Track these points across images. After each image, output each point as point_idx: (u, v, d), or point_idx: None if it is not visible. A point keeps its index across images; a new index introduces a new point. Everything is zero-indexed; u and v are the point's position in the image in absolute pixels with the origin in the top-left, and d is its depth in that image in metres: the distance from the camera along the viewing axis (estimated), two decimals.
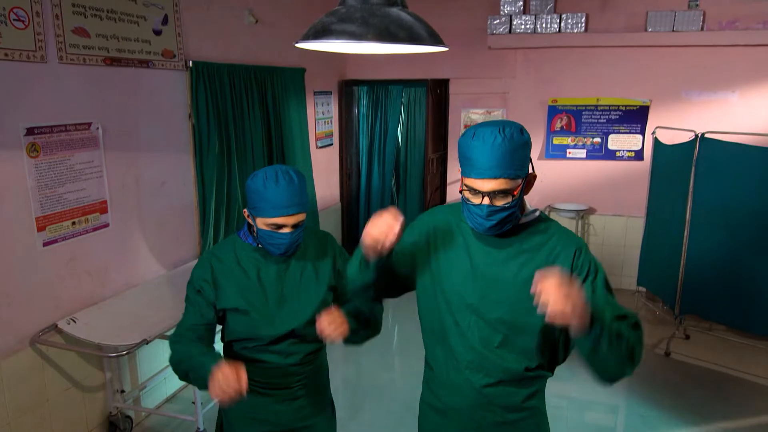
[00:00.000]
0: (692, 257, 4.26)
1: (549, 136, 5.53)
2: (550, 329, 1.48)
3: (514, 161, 1.42)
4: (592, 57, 5.28)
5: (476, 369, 1.56)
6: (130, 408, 3.29)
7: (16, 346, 2.64)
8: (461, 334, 1.56)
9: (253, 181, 1.75)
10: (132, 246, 3.30)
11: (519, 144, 1.42)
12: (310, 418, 1.96)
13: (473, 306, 1.54)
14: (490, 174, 1.41)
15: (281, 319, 1.82)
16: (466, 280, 1.55)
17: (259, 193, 1.73)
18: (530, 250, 1.52)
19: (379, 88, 6.53)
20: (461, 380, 1.58)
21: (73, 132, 2.83)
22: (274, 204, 1.71)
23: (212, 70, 3.73)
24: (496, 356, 1.54)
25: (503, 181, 1.41)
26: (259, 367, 1.85)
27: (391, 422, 3.43)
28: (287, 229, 1.75)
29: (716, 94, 5.07)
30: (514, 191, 1.43)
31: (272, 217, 1.72)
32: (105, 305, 3.03)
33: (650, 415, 3.51)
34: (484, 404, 1.59)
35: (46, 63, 2.67)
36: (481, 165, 1.41)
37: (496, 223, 1.46)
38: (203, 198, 3.78)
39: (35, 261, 2.70)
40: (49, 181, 2.73)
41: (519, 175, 1.44)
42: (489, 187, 1.42)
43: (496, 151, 1.40)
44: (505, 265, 1.52)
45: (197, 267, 1.87)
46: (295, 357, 1.87)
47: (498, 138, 1.40)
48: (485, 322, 1.53)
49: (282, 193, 1.71)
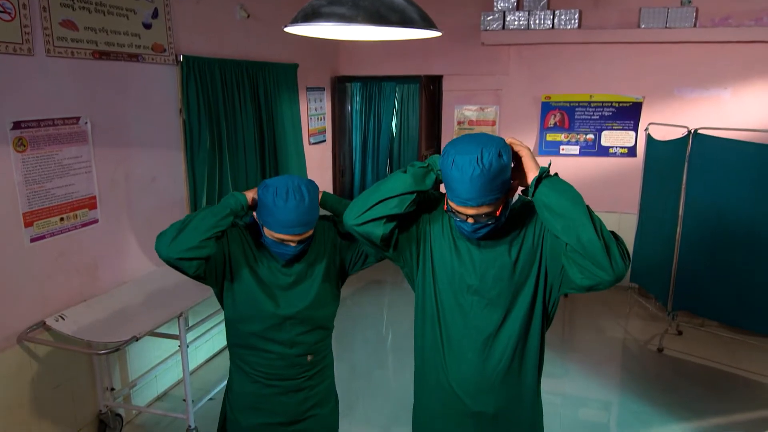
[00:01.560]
0: (685, 253, 4.26)
1: (542, 132, 5.53)
2: (543, 287, 1.57)
3: (494, 188, 1.43)
4: (585, 53, 5.28)
5: (479, 349, 1.58)
6: (121, 406, 3.25)
7: (3, 343, 2.60)
8: (463, 314, 1.59)
9: (264, 194, 1.72)
10: (122, 242, 3.26)
11: (497, 171, 1.42)
12: (314, 409, 1.96)
13: (474, 287, 1.58)
14: (472, 203, 1.44)
15: (287, 302, 1.82)
16: (465, 262, 1.59)
17: (268, 207, 1.71)
18: (519, 227, 1.59)
19: (372, 84, 6.51)
20: (464, 363, 1.59)
21: (61, 126, 2.79)
22: (282, 222, 1.70)
23: (203, 65, 3.69)
24: (498, 333, 1.58)
25: (484, 207, 1.45)
26: (264, 357, 1.85)
27: (385, 419, 3.41)
28: (292, 243, 1.75)
29: (708, 91, 5.08)
30: (497, 211, 1.47)
31: (279, 233, 1.72)
32: (94, 302, 2.99)
33: (643, 411, 3.51)
34: (488, 389, 1.60)
35: (33, 56, 2.62)
36: (462, 195, 1.44)
37: (483, 235, 1.53)
38: (194, 194, 3.74)
39: (23, 257, 2.66)
40: (36, 176, 2.68)
41: (499, 197, 1.46)
42: (472, 212, 1.46)
43: (475, 183, 1.41)
44: (496, 247, 1.58)
45: (238, 228, 1.87)
46: (300, 348, 1.86)
47: (476, 170, 1.40)
48: (487, 300, 1.57)
49: (291, 213, 1.68)
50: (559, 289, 1.54)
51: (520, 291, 1.57)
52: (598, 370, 4.00)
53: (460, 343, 1.60)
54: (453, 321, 1.60)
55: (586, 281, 1.41)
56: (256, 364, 1.86)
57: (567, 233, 1.39)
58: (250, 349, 1.86)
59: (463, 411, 1.63)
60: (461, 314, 1.59)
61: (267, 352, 1.84)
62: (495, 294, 1.57)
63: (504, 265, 1.56)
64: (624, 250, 1.41)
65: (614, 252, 1.38)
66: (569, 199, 1.41)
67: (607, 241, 1.38)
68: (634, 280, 4.99)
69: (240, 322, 1.84)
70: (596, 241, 1.36)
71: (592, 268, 1.39)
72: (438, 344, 1.63)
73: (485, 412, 1.62)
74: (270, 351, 1.84)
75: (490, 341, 1.58)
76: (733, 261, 3.99)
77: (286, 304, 1.82)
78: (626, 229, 5.31)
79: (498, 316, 1.57)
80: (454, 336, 1.60)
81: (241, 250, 1.82)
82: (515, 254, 1.56)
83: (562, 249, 1.43)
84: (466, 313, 1.59)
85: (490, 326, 1.58)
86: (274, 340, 1.83)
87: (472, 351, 1.59)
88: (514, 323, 1.57)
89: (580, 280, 1.42)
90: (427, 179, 1.55)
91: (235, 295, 1.82)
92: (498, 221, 1.50)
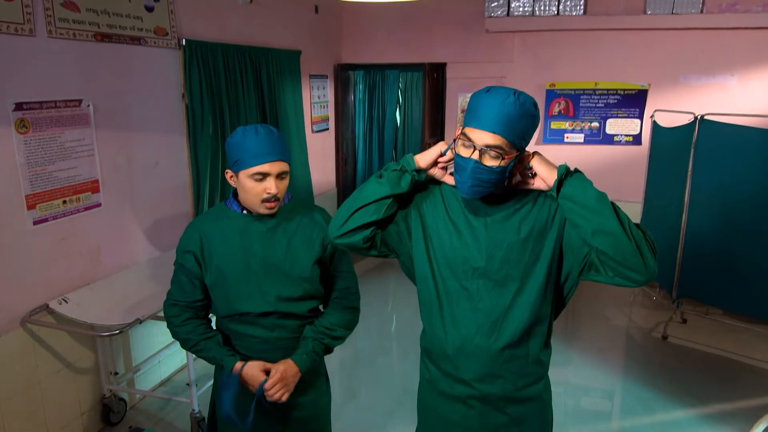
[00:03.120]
0: (690, 241, 4.24)
1: (547, 120, 5.49)
2: (556, 268, 1.53)
3: (518, 126, 1.40)
4: (590, 40, 5.23)
5: (487, 333, 1.54)
6: (124, 390, 3.25)
7: (7, 326, 2.60)
8: (469, 298, 1.55)
9: (233, 137, 1.73)
10: (125, 227, 3.24)
11: (528, 112, 1.41)
12: (302, 394, 1.89)
13: (480, 269, 1.53)
14: (491, 128, 1.39)
15: (264, 291, 1.77)
16: (469, 244, 1.54)
17: (239, 144, 1.70)
18: (525, 205, 1.53)
19: (375, 72, 6.47)
20: (471, 347, 1.56)
21: (63, 109, 2.77)
22: (255, 152, 1.68)
23: (206, 50, 3.66)
24: (506, 316, 1.53)
25: (500, 139, 1.39)
26: (247, 341, 1.82)
27: (389, 405, 3.41)
28: (272, 180, 1.70)
29: (715, 78, 5.03)
30: (505, 155, 1.41)
31: (255, 165, 1.68)
32: (97, 286, 2.98)
33: (647, 398, 3.50)
34: (496, 371, 1.57)
35: (34, 37, 2.60)
36: (486, 117, 1.39)
37: (476, 184, 1.44)
38: (197, 180, 3.73)
39: (25, 239, 2.65)
40: (38, 158, 2.67)
41: (516, 142, 1.41)
42: (484, 141, 1.40)
43: (505, 108, 1.38)
44: (504, 224, 1.53)
45: (182, 238, 1.83)
46: (282, 330, 1.82)
47: (511, 98, 1.39)
48: (494, 282, 1.53)
49: (262, 142, 1.69)
50: (579, 275, 1.51)
51: (531, 272, 1.52)
52: (602, 358, 3.98)
53: (467, 326, 1.56)
54: (459, 304, 1.57)
55: (618, 280, 1.41)
56: (238, 347, 1.83)
57: (597, 237, 1.38)
58: (232, 333, 1.84)
59: (469, 394, 1.61)
60: (468, 298, 1.55)
61: (249, 336, 1.81)
62: (502, 276, 1.52)
63: (512, 246, 1.51)
64: (652, 245, 1.39)
65: (645, 252, 1.36)
66: (595, 197, 1.40)
67: (638, 241, 1.36)
68: None
69: (221, 317, 1.86)
70: (627, 242, 1.35)
71: (624, 270, 1.38)
72: (444, 328, 1.60)
73: (492, 395, 1.59)
74: (252, 335, 1.81)
75: (499, 324, 1.54)
76: (739, 248, 3.97)
77: (263, 295, 1.77)
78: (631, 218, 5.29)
79: (506, 299, 1.53)
80: (461, 320, 1.57)
81: (217, 247, 1.80)
82: (525, 233, 1.51)
83: (587, 238, 1.42)
84: (472, 296, 1.55)
85: (498, 309, 1.53)
86: (256, 324, 1.80)
87: (479, 335, 1.55)
88: (524, 306, 1.53)
89: (611, 279, 1.42)
90: (402, 181, 1.54)
91: (213, 301, 1.84)
92: (495, 179, 1.43)
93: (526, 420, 1.62)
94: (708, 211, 4.11)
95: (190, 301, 1.83)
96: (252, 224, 1.79)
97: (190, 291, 1.82)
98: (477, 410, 1.62)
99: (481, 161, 1.41)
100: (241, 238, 1.78)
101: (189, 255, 1.79)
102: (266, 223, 1.79)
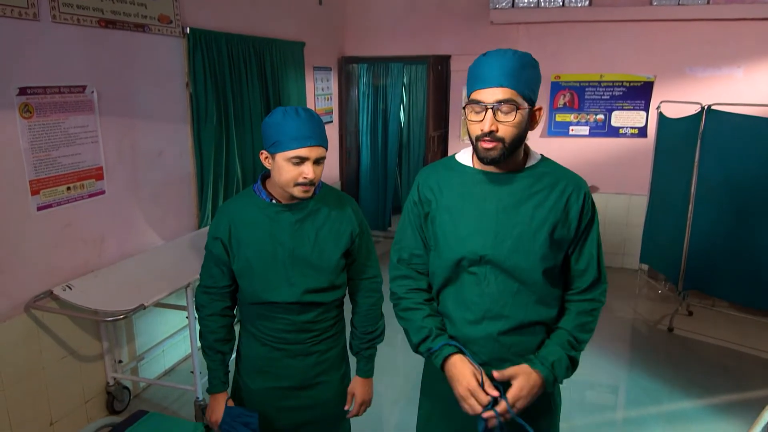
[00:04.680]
0: (696, 232, 4.21)
1: (552, 113, 5.46)
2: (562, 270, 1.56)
3: (522, 76, 1.40)
4: (596, 32, 5.20)
5: (494, 318, 1.52)
6: (128, 378, 3.24)
7: (11, 312, 2.59)
8: (478, 283, 1.52)
9: (272, 117, 1.68)
10: (128, 215, 3.23)
11: (530, 63, 1.42)
12: (323, 375, 1.90)
13: (487, 256, 1.50)
14: (498, 82, 1.38)
15: (291, 282, 1.75)
16: (478, 229, 1.51)
17: (278, 125, 1.65)
18: (542, 191, 1.50)
19: (379, 65, 6.44)
20: (478, 332, 1.54)
21: (67, 94, 2.76)
22: (294, 135, 1.64)
23: (210, 39, 3.65)
24: (513, 303, 1.51)
25: (510, 92, 1.39)
26: (273, 321, 1.81)
27: (393, 394, 3.40)
28: (309, 164, 1.67)
29: (721, 70, 5.00)
30: (519, 107, 1.40)
31: (294, 149, 1.64)
32: (101, 273, 2.97)
33: (653, 388, 3.48)
34: (501, 355, 1.54)
35: (38, 21, 2.59)
36: (490, 74, 1.40)
37: (492, 147, 1.42)
38: (201, 169, 3.72)
39: (30, 225, 2.64)
40: (42, 143, 2.66)
41: (525, 93, 1.41)
42: (495, 97, 1.39)
43: (506, 62, 1.39)
44: (517, 210, 1.49)
45: (212, 223, 1.83)
46: (309, 314, 1.81)
47: (509, 53, 1.41)
48: (501, 270, 1.50)
49: (303, 125, 1.65)
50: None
51: (539, 260, 1.49)
52: (607, 349, 3.96)
53: (473, 310, 1.54)
54: (467, 288, 1.55)
55: None
56: (263, 327, 1.83)
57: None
58: (257, 317, 1.83)
59: None
60: (476, 282, 1.53)
61: (274, 317, 1.80)
62: (511, 265, 1.49)
63: (522, 235, 1.48)
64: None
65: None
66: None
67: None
68: (644, 261, 4.95)
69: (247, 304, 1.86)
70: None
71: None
72: (452, 309, 1.58)
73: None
74: (277, 317, 1.80)
75: (506, 309, 1.51)
76: (746, 239, 3.94)
77: (290, 286, 1.76)
78: (636, 211, 5.27)
79: (514, 285, 1.51)
80: (470, 304, 1.55)
81: (245, 235, 1.79)
82: (538, 222, 1.48)
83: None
84: (480, 281, 1.53)
85: (506, 295, 1.51)
86: (283, 308, 1.78)
87: (486, 319, 1.53)
88: (531, 292, 1.51)
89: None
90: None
91: (240, 288, 1.85)
92: (513, 139, 1.42)
93: (533, 406, 1.60)
94: (714, 202, 4.08)
95: (218, 287, 1.84)
96: (281, 214, 1.77)
97: (218, 277, 1.83)
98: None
99: (496, 118, 1.40)
100: (270, 228, 1.76)
101: (217, 242, 1.79)
102: (295, 213, 1.77)
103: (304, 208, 1.78)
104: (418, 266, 1.66)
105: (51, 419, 2.82)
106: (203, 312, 1.86)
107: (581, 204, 1.51)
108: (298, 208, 1.77)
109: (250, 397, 1.91)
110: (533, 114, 1.46)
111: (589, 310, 1.55)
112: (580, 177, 1.57)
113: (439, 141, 6.09)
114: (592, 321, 1.56)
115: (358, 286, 1.95)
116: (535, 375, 1.45)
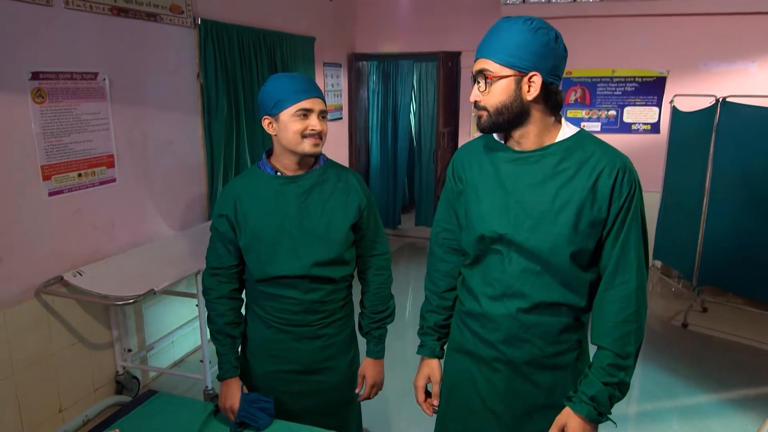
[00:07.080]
0: (711, 227, 4.15)
1: (563, 109, 5.41)
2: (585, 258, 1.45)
3: (506, 44, 1.34)
4: (608, 27, 5.17)
5: (513, 295, 1.48)
6: (138, 367, 3.23)
7: (21, 296, 2.59)
8: (501, 261, 1.49)
9: (267, 83, 1.72)
10: (139, 204, 3.24)
11: (520, 28, 1.34)
12: (331, 360, 1.86)
13: (507, 236, 1.45)
14: (479, 54, 1.40)
15: (298, 254, 1.73)
16: (499, 208, 1.47)
17: (276, 87, 1.69)
18: (569, 168, 1.40)
19: (389, 62, 6.44)
20: (498, 308, 1.50)
21: (79, 81, 2.77)
22: (295, 90, 1.68)
23: (221, 30, 3.65)
24: (535, 283, 1.46)
25: (484, 61, 1.38)
26: (279, 302, 1.78)
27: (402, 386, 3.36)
28: (314, 116, 1.70)
29: (735, 65, 4.94)
30: (489, 75, 1.37)
31: (298, 101, 1.67)
32: (111, 261, 2.97)
33: (668, 382, 3.42)
34: (521, 335, 1.50)
35: (51, 7, 2.60)
36: (479, 46, 1.40)
37: (480, 116, 1.44)
38: (212, 161, 3.72)
39: (41, 210, 2.64)
40: (54, 129, 2.66)
41: (505, 60, 1.34)
42: (476, 69, 1.41)
43: (492, 33, 1.37)
44: (541, 188, 1.42)
45: (217, 201, 1.82)
46: (317, 294, 1.78)
47: (500, 21, 1.38)
48: (522, 249, 1.45)
49: (301, 80, 1.71)
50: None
51: (564, 242, 1.40)
52: None
53: (494, 286, 1.50)
54: (494, 266, 1.51)
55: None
56: (270, 309, 1.80)
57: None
58: (264, 296, 1.80)
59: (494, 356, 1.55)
60: (500, 260, 1.49)
61: (282, 297, 1.77)
62: (531, 245, 1.43)
63: (544, 216, 1.41)
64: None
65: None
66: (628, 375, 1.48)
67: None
68: (657, 257, 4.89)
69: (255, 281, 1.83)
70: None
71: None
72: (478, 286, 1.55)
73: (517, 359, 1.52)
74: (285, 296, 1.77)
75: (527, 287, 1.46)
76: (761, 233, 3.88)
77: (298, 259, 1.73)
78: (649, 208, 5.18)
79: (536, 266, 1.45)
80: (493, 281, 1.51)
81: (252, 210, 1.77)
82: (560, 203, 1.39)
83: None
84: (503, 259, 1.48)
85: (528, 274, 1.46)
86: (290, 286, 1.76)
87: (507, 296, 1.48)
88: (554, 273, 1.44)
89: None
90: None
91: (247, 264, 1.81)
92: (495, 109, 1.39)
93: (555, 391, 1.52)
94: (729, 196, 4.03)
95: (225, 267, 1.81)
96: (286, 186, 1.75)
97: (225, 257, 1.80)
98: (503, 375, 1.55)
99: (479, 89, 1.41)
100: (276, 200, 1.75)
101: (223, 219, 1.77)
102: (301, 185, 1.76)
103: (309, 179, 1.77)
104: (447, 241, 1.68)
105: (60, 406, 2.81)
106: (211, 295, 1.83)
107: (613, 181, 1.37)
108: (304, 179, 1.76)
109: (255, 380, 1.88)
110: (524, 81, 1.37)
111: (624, 318, 1.40)
112: (618, 152, 1.44)
113: (450, 137, 6.07)
114: (636, 329, 1.41)
115: (367, 264, 1.93)
116: (579, 419, 1.45)
